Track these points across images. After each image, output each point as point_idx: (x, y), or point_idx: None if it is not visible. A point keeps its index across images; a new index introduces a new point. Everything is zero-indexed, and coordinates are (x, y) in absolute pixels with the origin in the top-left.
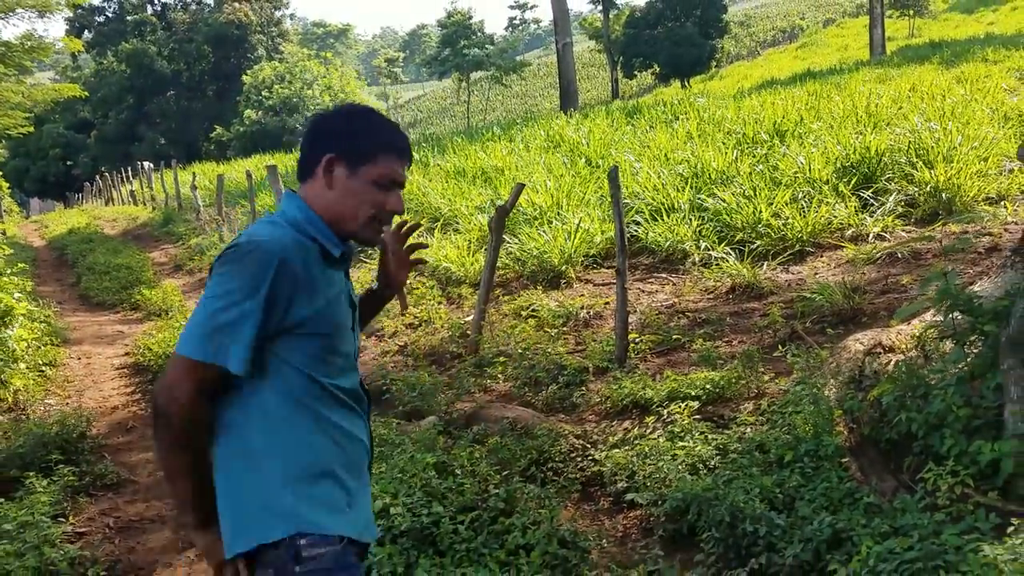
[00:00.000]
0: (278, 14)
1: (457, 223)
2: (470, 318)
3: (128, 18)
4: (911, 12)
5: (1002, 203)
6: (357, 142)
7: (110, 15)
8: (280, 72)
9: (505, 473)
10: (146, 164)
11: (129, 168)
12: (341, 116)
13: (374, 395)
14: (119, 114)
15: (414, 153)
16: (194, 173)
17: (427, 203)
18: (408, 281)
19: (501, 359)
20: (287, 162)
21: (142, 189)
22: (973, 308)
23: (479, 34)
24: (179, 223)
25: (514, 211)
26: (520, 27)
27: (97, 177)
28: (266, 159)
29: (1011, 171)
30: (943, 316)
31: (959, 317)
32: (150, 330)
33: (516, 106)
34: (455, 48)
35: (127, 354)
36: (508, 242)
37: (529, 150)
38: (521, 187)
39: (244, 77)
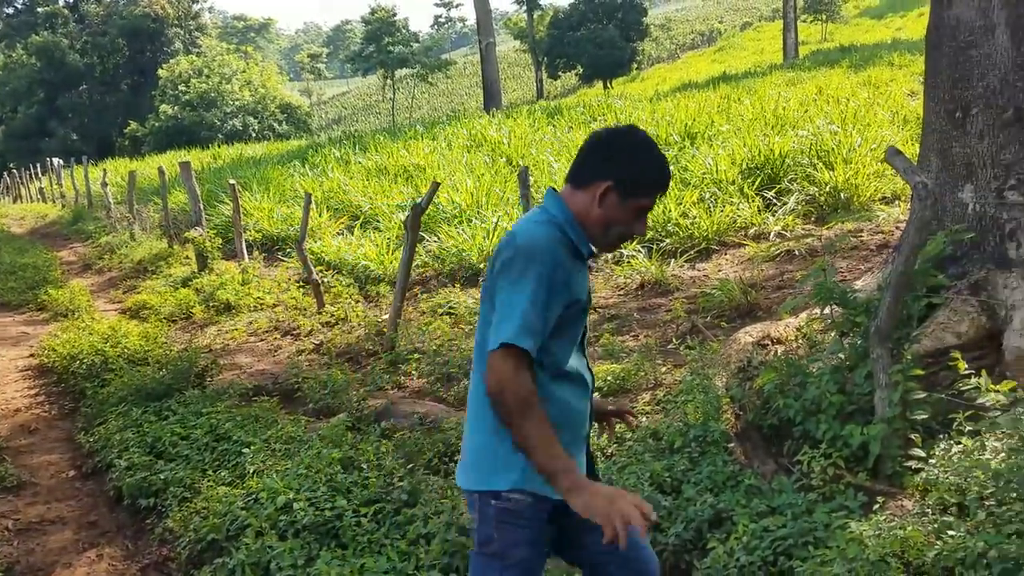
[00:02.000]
0: (196, 7)
1: (378, 221)
2: (387, 316)
3: (39, 10)
4: (824, 17)
5: (896, 202)
6: (637, 179)
7: (19, 6)
8: (198, 66)
9: (411, 466)
10: (55, 160)
11: (38, 164)
12: (631, 148)
13: (285, 393)
14: (28, 108)
15: (335, 151)
16: (104, 170)
17: (347, 201)
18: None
19: (416, 356)
20: (203, 158)
21: (51, 186)
22: (847, 301)
23: (404, 31)
24: (89, 221)
25: (435, 209)
26: (446, 25)
27: (4, 174)
28: (182, 155)
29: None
30: (820, 310)
31: (836, 310)
32: (56, 331)
33: (442, 104)
34: (379, 45)
35: (32, 355)
36: (427, 240)
37: (451, 149)
38: (436, 186)
39: (160, 71)
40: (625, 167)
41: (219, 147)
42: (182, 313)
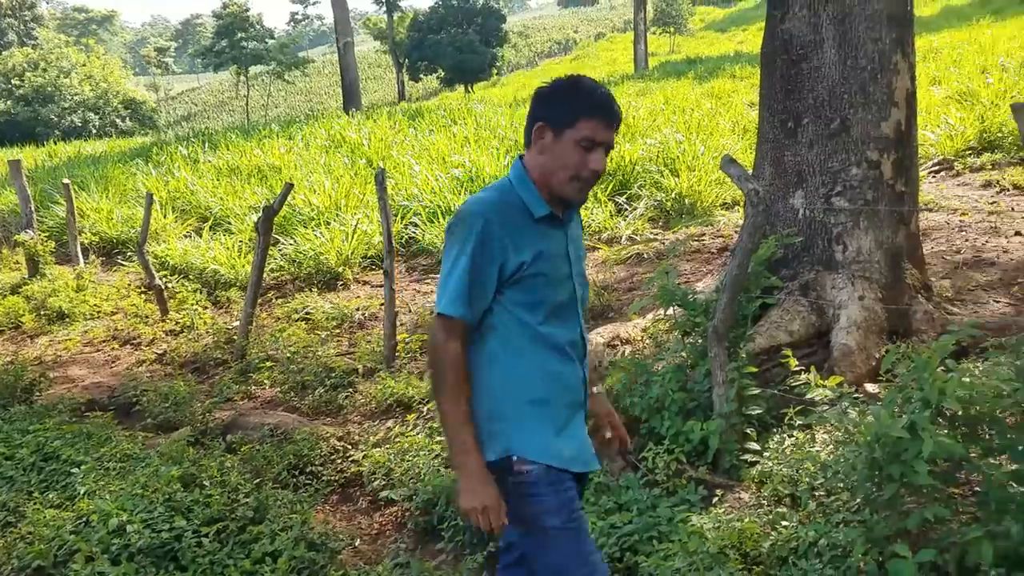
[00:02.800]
0: None
1: (229, 223)
2: (237, 323)
3: None
4: (672, 30)
5: (735, 207)
6: (559, 109)
7: None
8: (33, 59)
9: (258, 481)
10: None
11: None
12: (549, 87)
13: (122, 407)
14: None
15: (183, 149)
16: None
17: (195, 202)
18: None
19: (268, 364)
20: (38, 156)
21: None
22: (687, 303)
23: (258, 27)
24: None
25: (291, 211)
26: (303, 23)
27: None
28: (14, 152)
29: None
30: (664, 311)
31: (679, 311)
32: None
33: (300, 103)
34: (232, 40)
35: None
36: (283, 243)
37: (309, 149)
38: (290, 187)
39: None
40: (551, 101)
41: (56, 144)
42: (10, 323)
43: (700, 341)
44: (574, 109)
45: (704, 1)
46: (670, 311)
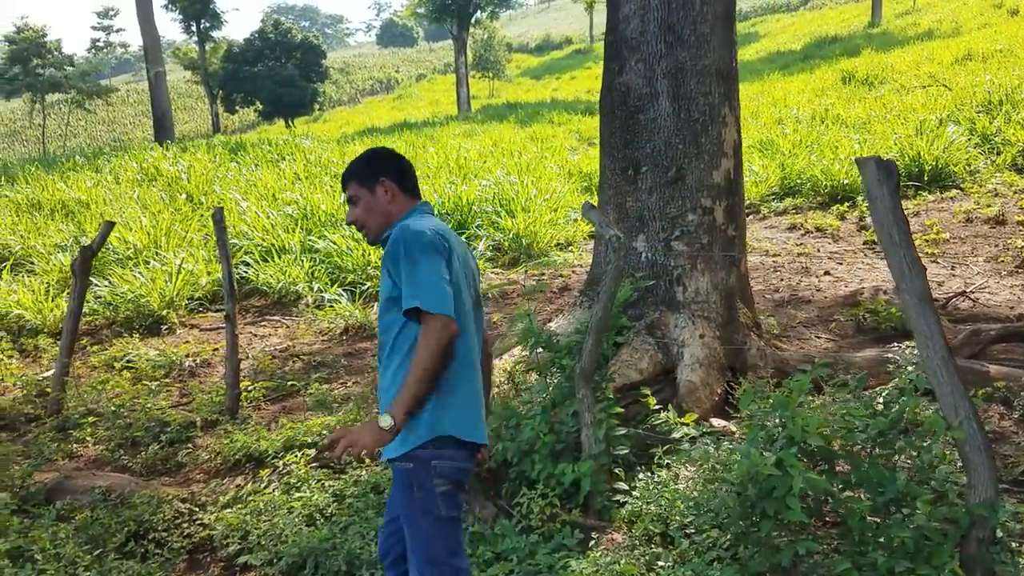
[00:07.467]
0: None
1: (32, 263)
2: (50, 373)
3: None
4: (491, 75)
5: (570, 247)
6: None
7: None
8: None
9: (98, 552)
10: None
11: None
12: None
13: None
14: None
15: None
16: None
17: None
18: None
19: (90, 419)
20: None
21: None
22: (551, 344)
23: (56, 53)
24: None
25: (104, 250)
26: (105, 50)
27: None
28: None
29: (575, 220)
30: (529, 352)
31: (541, 352)
32: None
33: (102, 133)
34: (27, 67)
35: None
36: (97, 285)
37: (119, 183)
38: (111, 226)
39: None
40: None
41: None
42: None
43: (561, 382)
44: None
45: (518, 49)
46: (532, 352)
